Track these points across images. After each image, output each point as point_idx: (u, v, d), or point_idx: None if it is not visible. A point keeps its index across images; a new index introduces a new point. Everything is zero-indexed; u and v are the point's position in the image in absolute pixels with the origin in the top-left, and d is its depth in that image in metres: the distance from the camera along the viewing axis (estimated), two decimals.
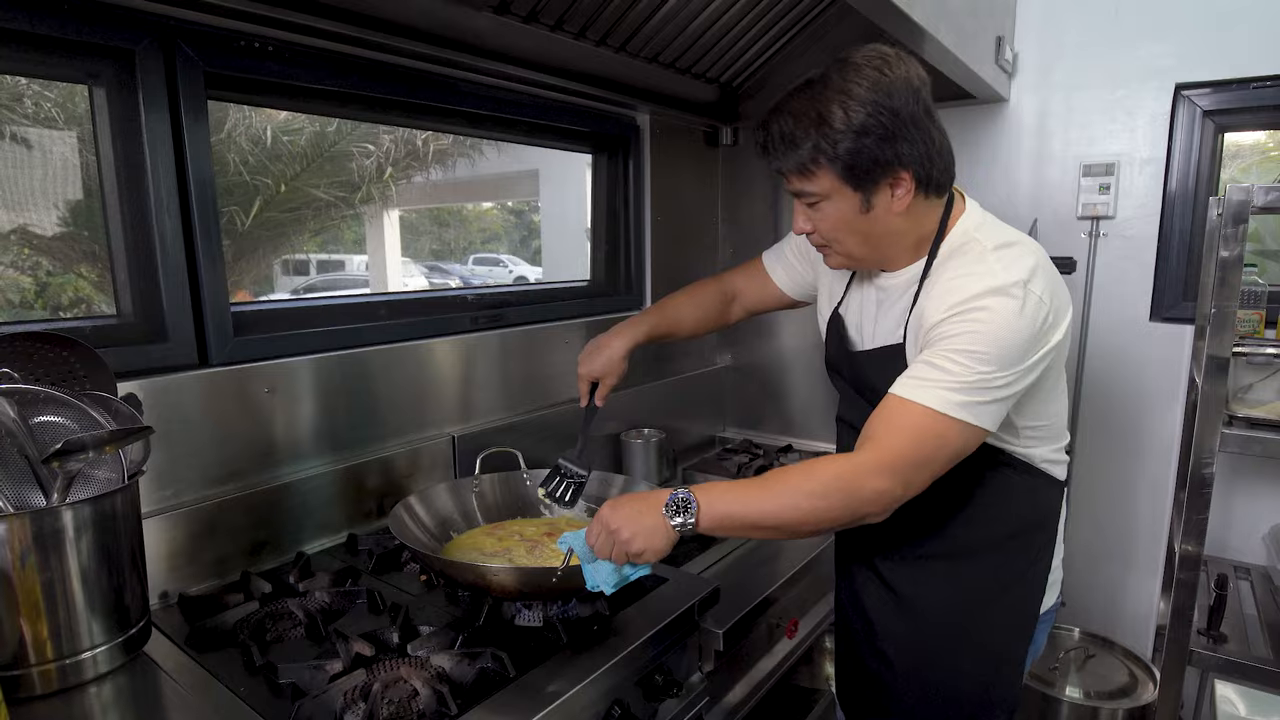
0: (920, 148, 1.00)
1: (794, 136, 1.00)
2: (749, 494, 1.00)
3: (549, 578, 1.06)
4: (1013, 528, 1.15)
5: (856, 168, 0.99)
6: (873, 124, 0.97)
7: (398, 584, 1.34)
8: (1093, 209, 2.00)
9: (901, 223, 1.06)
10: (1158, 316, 2.00)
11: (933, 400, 0.97)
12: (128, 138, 1.22)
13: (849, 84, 0.98)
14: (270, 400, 1.39)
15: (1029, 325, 0.98)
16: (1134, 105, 1.95)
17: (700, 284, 1.50)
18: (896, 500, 0.98)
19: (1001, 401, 1.00)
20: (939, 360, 0.99)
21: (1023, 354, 0.99)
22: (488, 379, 1.82)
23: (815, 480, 0.98)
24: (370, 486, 1.55)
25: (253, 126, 4.99)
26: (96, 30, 1.14)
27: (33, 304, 6.24)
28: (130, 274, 1.26)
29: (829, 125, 0.98)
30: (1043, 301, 0.99)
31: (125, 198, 1.24)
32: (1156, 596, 2.08)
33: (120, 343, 1.24)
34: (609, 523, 1.00)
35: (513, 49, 1.61)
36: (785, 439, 2.51)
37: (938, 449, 0.98)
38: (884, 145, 0.98)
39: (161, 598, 1.27)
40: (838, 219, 1.06)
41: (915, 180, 1.02)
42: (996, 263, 1.02)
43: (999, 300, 0.98)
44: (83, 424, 1.02)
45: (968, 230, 1.09)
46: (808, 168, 1.02)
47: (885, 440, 0.99)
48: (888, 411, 1.01)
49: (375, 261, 9.59)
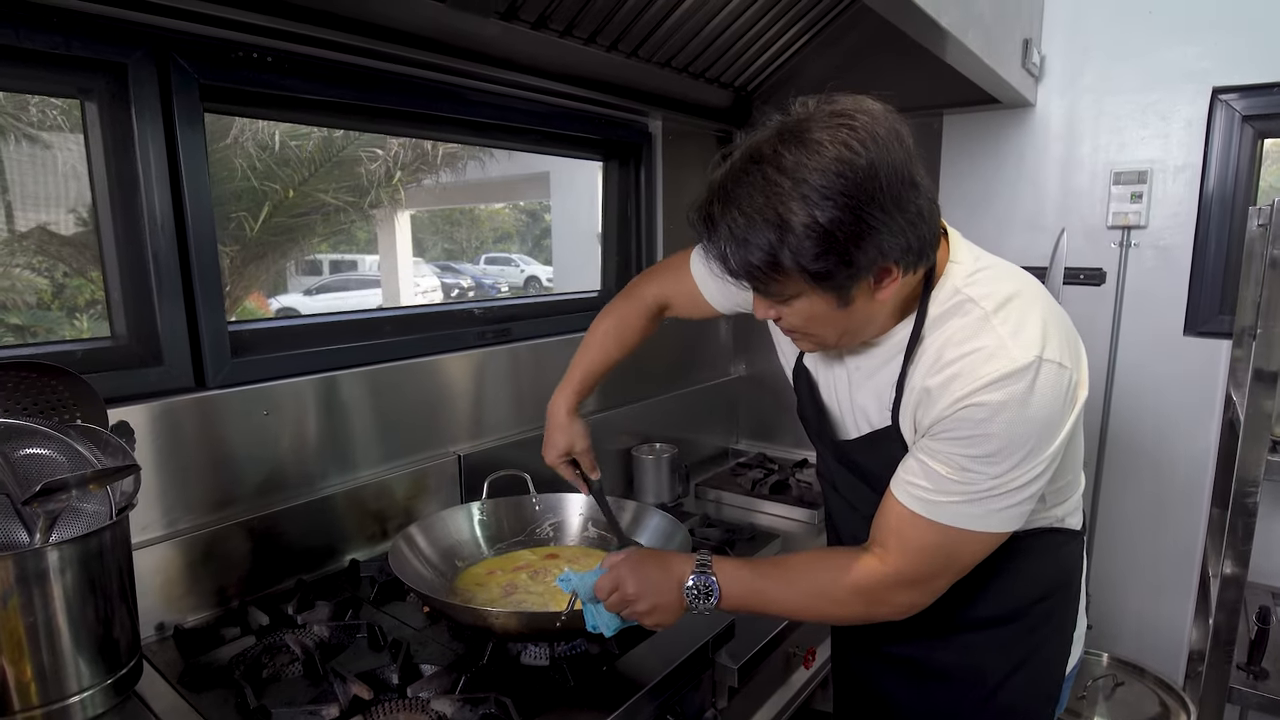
0: (907, 234, 0.80)
1: (748, 241, 0.80)
2: (769, 585, 0.97)
3: (552, 622, 1.01)
4: (1035, 594, 1.04)
5: (828, 274, 0.80)
6: (845, 221, 0.77)
7: (400, 616, 1.29)
8: (1124, 218, 1.92)
9: (885, 307, 0.89)
10: (1192, 331, 1.91)
11: (948, 517, 0.87)
12: (121, 153, 1.18)
13: (809, 172, 0.77)
14: (269, 423, 1.35)
15: (1053, 403, 0.84)
16: (1168, 110, 1.87)
17: (620, 307, 1.34)
18: (923, 606, 0.94)
19: (1029, 498, 0.87)
20: (948, 468, 0.86)
21: (1050, 437, 0.85)
22: (495, 395, 1.77)
23: (837, 587, 0.93)
24: (373, 510, 1.50)
25: (260, 133, 4.98)
26: (87, 44, 1.10)
27: (50, 305, 6.27)
28: (124, 294, 1.22)
29: (790, 229, 0.77)
30: (1063, 367, 0.84)
31: (119, 215, 1.20)
32: (1188, 621, 2.00)
33: (114, 366, 1.20)
34: (626, 588, 0.95)
35: (521, 56, 1.56)
36: (799, 452, 2.44)
37: (960, 557, 0.91)
38: (862, 244, 0.78)
39: (158, 629, 1.23)
40: (810, 316, 0.88)
41: (901, 268, 0.83)
42: (1003, 330, 0.85)
43: (1015, 388, 0.82)
44: (70, 458, 0.98)
45: (956, 285, 0.90)
46: (766, 274, 0.82)
47: (901, 555, 0.91)
48: (899, 523, 0.90)
49: (386, 263, 9.59)
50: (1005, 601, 1.03)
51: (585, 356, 1.33)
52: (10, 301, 5.94)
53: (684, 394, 2.32)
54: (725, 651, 1.26)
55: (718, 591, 0.94)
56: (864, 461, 1.03)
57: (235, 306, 6.00)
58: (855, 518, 1.09)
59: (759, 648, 1.31)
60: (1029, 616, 1.04)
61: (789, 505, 1.94)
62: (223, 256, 5.41)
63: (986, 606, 1.02)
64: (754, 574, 0.96)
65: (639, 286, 1.34)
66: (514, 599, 1.27)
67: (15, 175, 5.30)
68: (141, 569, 1.18)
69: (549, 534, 1.48)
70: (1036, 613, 1.04)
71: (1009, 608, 1.03)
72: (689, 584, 0.94)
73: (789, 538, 1.76)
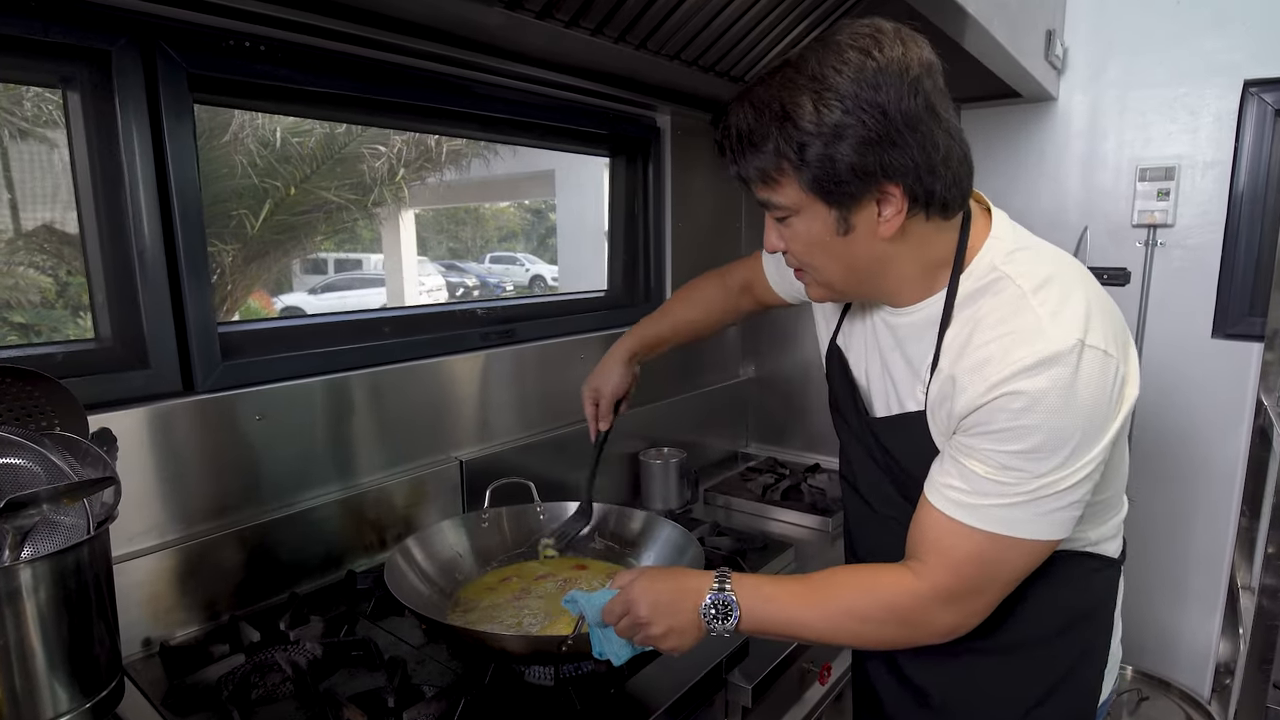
0: (916, 156, 0.77)
1: (753, 134, 0.80)
2: (795, 604, 0.89)
3: (557, 646, 0.95)
4: (1062, 621, 0.96)
5: (827, 179, 0.78)
6: (850, 124, 0.75)
7: (398, 632, 1.23)
8: (1150, 216, 1.86)
9: (893, 249, 0.84)
10: (1220, 333, 1.85)
11: (989, 522, 0.80)
12: (104, 145, 1.12)
13: (825, 70, 0.76)
14: (262, 428, 1.29)
15: (1099, 394, 0.76)
16: (1196, 104, 1.80)
17: (703, 278, 1.39)
18: (966, 629, 0.86)
19: (1078, 501, 0.81)
20: (987, 467, 0.79)
21: (1098, 433, 0.78)
22: (499, 398, 1.71)
23: (870, 606, 0.86)
24: (371, 518, 1.44)
25: (261, 129, 4.93)
26: (67, 30, 1.04)
27: (54, 304, 6.25)
28: (109, 295, 1.16)
29: (794, 123, 0.76)
30: (1109, 355, 0.77)
31: (102, 211, 1.14)
32: (1215, 633, 1.94)
33: (98, 370, 1.14)
34: (637, 611, 0.88)
35: (526, 47, 1.50)
36: (811, 456, 2.37)
37: (1005, 568, 0.84)
38: (865, 152, 0.76)
39: (144, 645, 1.17)
40: (810, 239, 0.85)
41: (908, 197, 0.79)
42: (1042, 310, 0.78)
43: (1056, 373, 0.75)
44: (46, 469, 0.92)
45: (994, 261, 0.85)
46: (769, 174, 0.81)
47: (940, 569, 0.84)
48: (935, 531, 0.84)
49: (390, 261, 9.55)
50: (1030, 628, 0.94)
51: (659, 316, 1.37)
52: (14, 300, 5.92)
53: (692, 397, 2.26)
54: (739, 670, 1.20)
55: (737, 611, 0.87)
56: (891, 447, 0.96)
57: (238, 305, 5.97)
58: (874, 520, 1.02)
59: (774, 665, 1.25)
60: (1056, 645, 0.96)
61: (801, 512, 1.88)
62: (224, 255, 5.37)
63: (1010, 633, 0.94)
64: (777, 591, 0.89)
65: (729, 265, 1.38)
66: (523, 604, 1.21)
67: (17, 173, 5.27)
68: (126, 582, 1.13)
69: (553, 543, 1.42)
70: (1064, 642, 0.96)
71: (1034, 635, 0.95)
72: (706, 602, 0.87)
73: (802, 546, 1.70)
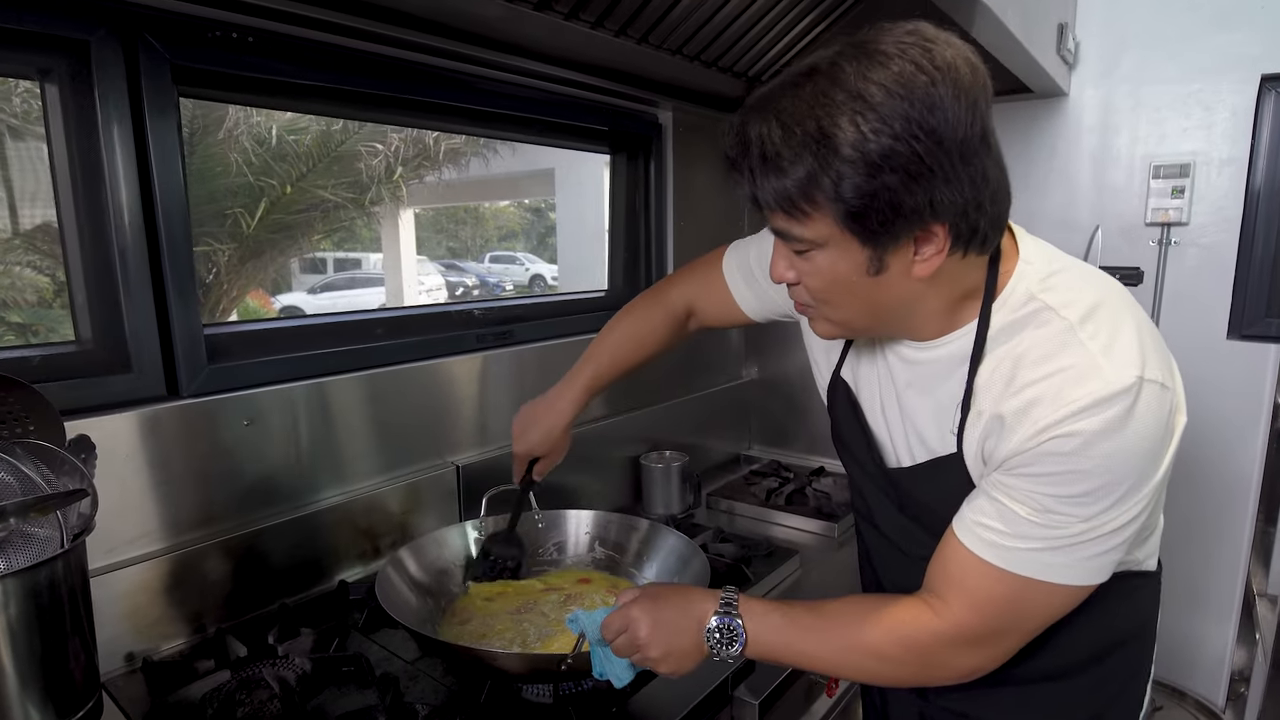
0: (967, 192, 0.67)
1: (779, 157, 0.68)
2: (805, 635, 0.84)
3: (556, 665, 0.90)
4: (1104, 644, 0.90)
5: (867, 215, 0.67)
6: (900, 153, 0.64)
7: (390, 645, 1.19)
8: (1164, 214, 1.81)
9: (923, 287, 0.75)
10: (1236, 334, 1.80)
11: (1024, 566, 0.73)
12: (84, 139, 1.07)
13: (868, 85, 0.65)
14: (250, 434, 1.25)
15: (1154, 430, 0.70)
16: (1212, 99, 1.76)
17: (643, 308, 1.23)
18: (986, 670, 0.81)
19: (1122, 544, 0.74)
20: (1029, 509, 0.72)
21: (1151, 471, 0.72)
22: (497, 402, 1.66)
23: (887, 642, 0.80)
24: (364, 526, 1.40)
25: (257, 126, 4.88)
26: (42, 19, 0.99)
27: (51, 303, 6.21)
28: (89, 295, 1.12)
29: (833, 148, 0.65)
30: (1165, 388, 0.70)
31: (82, 208, 1.10)
32: (1230, 641, 1.89)
33: (78, 374, 1.10)
34: (637, 631, 0.84)
35: (525, 40, 1.45)
36: (815, 459, 2.33)
37: (1033, 613, 0.78)
38: (912, 187, 0.65)
39: (127, 659, 1.13)
40: (834, 278, 0.74)
41: (952, 236, 0.70)
42: (1093, 345, 0.71)
43: (1112, 414, 0.68)
44: (19, 480, 0.88)
45: (1030, 289, 0.76)
46: (796, 204, 0.69)
47: (963, 609, 0.77)
48: (961, 570, 0.77)
49: (389, 261, 9.51)
50: (1070, 654, 0.88)
51: (596, 359, 1.22)
52: (11, 299, 5.88)
53: (693, 399, 2.21)
54: (745, 686, 1.16)
55: (743, 637, 0.82)
56: (919, 494, 0.89)
57: (234, 305, 5.93)
58: (905, 561, 0.94)
59: (781, 679, 1.20)
60: (1097, 670, 0.90)
61: (806, 517, 1.83)
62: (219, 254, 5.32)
63: (1049, 659, 0.87)
64: (786, 620, 0.84)
65: (664, 288, 1.24)
66: (523, 618, 1.17)
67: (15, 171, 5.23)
68: (108, 595, 1.09)
69: (552, 554, 1.37)
70: (1105, 666, 0.91)
71: (1074, 660, 0.89)
72: (711, 626, 0.83)
73: (807, 553, 1.66)
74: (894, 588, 1.02)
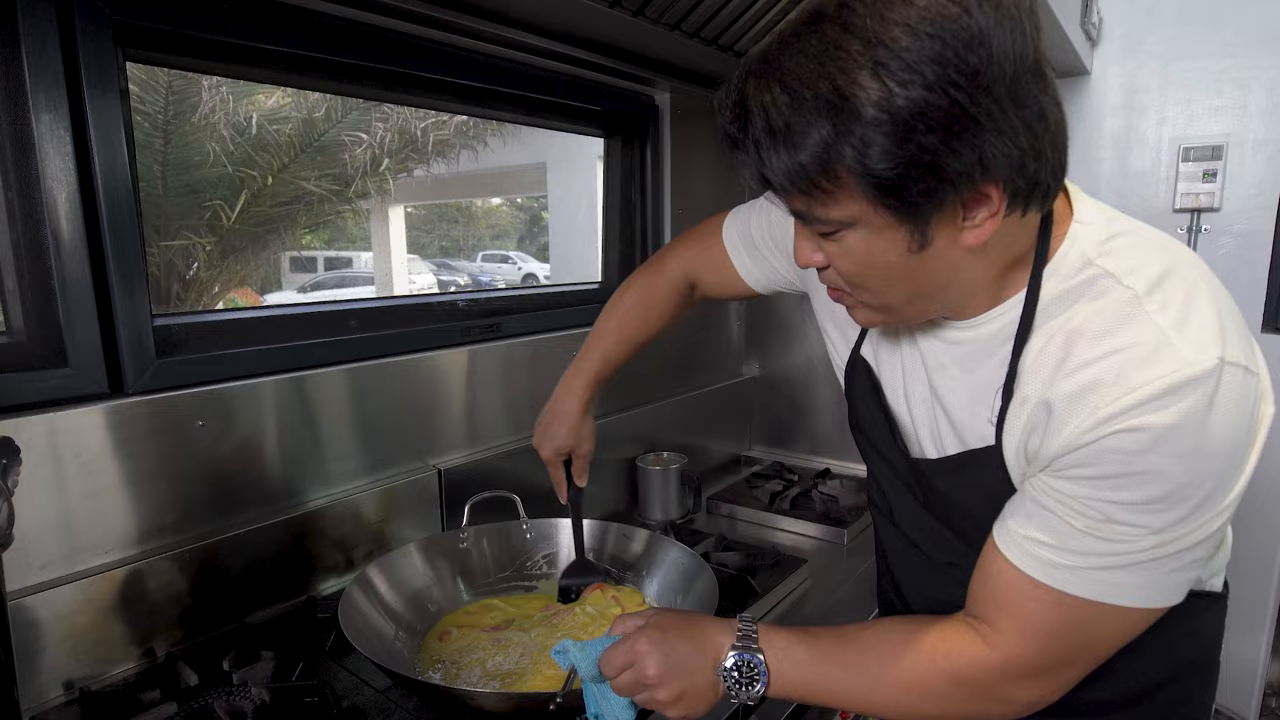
0: (1023, 141, 0.55)
1: (789, 129, 0.56)
2: (837, 672, 0.73)
3: (545, 704, 0.78)
4: (1168, 672, 0.80)
5: (904, 186, 0.55)
6: (937, 106, 0.52)
7: (361, 672, 1.07)
8: (1194, 200, 1.71)
9: (971, 259, 0.63)
10: (1271, 326, 1.70)
11: (1082, 588, 0.63)
12: (11, 107, 0.95)
13: (885, 25, 0.52)
14: (205, 435, 1.13)
15: (1239, 424, 0.59)
16: (1246, 76, 1.65)
17: (642, 281, 1.15)
18: (1047, 704, 0.70)
19: (1200, 560, 0.64)
20: (1087, 520, 0.61)
21: (1235, 472, 0.60)
22: (482, 400, 1.54)
23: (931, 677, 0.69)
24: (334, 537, 1.28)
25: (234, 113, 4.72)
26: None
27: None
28: (19, 281, 1.00)
29: (853, 112, 0.53)
30: (1250, 373, 0.59)
31: (14, 186, 0.97)
32: (1262, 655, 1.79)
33: (6, 368, 0.98)
34: (645, 669, 0.72)
35: (512, 8, 1.33)
36: (819, 460, 2.22)
37: (1100, 639, 0.67)
38: (956, 145, 0.54)
39: (65, 688, 1.01)
40: (869, 260, 0.62)
41: (1008, 194, 0.58)
42: (1163, 319, 0.59)
43: (1191, 404, 0.56)
44: None
45: (1086, 253, 0.65)
46: (814, 182, 0.57)
47: (1018, 638, 0.67)
48: (1011, 594, 0.67)
49: (380, 259, 9.37)
50: (1132, 682, 0.78)
51: (602, 339, 1.14)
52: None
53: (692, 397, 2.10)
54: (757, 717, 1.04)
55: (765, 676, 0.71)
56: (947, 490, 0.78)
57: (217, 301, 5.76)
58: (930, 568, 0.85)
59: (792, 709, 1.09)
60: (1160, 700, 0.80)
61: (813, 522, 1.72)
62: (198, 249, 5.16)
63: (1108, 688, 0.77)
64: (814, 653, 0.73)
65: (664, 258, 1.15)
66: (504, 633, 1.05)
67: None
68: (40, 617, 0.98)
69: (541, 567, 1.26)
70: (1169, 695, 0.80)
71: (1136, 689, 0.79)
72: (728, 664, 0.72)
73: (816, 561, 1.55)
74: (915, 596, 0.92)
